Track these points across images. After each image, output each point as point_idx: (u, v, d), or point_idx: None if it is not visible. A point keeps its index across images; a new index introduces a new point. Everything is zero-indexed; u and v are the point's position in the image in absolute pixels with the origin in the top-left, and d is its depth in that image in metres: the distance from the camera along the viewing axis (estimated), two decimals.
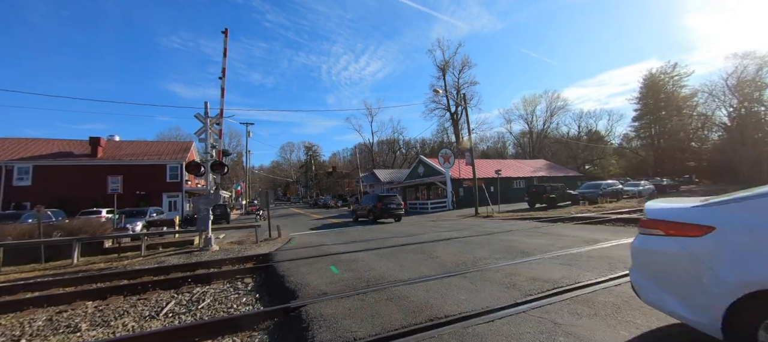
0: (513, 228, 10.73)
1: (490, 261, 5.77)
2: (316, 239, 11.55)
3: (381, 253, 7.13)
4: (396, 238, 9.97)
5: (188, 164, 10.64)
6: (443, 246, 7.67)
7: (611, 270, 4.73)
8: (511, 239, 8.14)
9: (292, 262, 6.72)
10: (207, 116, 11.56)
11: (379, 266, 5.84)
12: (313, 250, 8.28)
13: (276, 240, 12.56)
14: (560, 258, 5.71)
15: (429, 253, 6.88)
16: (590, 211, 17.16)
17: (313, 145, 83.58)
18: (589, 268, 4.88)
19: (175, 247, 12.63)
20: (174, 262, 8.67)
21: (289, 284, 5.00)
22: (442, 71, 52.73)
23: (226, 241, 14.07)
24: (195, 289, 5.72)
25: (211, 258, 9.10)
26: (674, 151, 50.02)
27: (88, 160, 28.77)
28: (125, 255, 11.39)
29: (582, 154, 61.13)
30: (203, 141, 11.50)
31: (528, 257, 5.89)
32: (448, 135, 60.00)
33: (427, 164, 31.38)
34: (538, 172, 35.23)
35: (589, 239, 7.50)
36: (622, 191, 25.52)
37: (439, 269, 5.37)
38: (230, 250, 10.33)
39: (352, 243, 9.40)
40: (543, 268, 5.07)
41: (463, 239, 8.69)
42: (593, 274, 4.54)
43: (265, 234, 14.09)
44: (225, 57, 11.91)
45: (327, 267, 6.02)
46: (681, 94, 50.64)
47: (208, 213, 10.91)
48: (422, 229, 12.52)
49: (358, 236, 11.17)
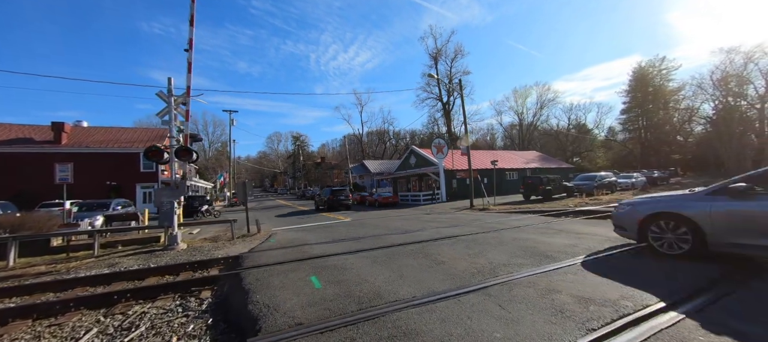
0: (519, 223, 9.70)
1: (512, 268, 4.64)
2: (299, 236, 10.24)
3: (375, 257, 5.90)
4: (391, 235, 8.78)
5: (148, 150, 9.06)
6: (449, 247, 6.51)
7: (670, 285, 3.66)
8: (524, 237, 7.06)
9: (265, 270, 5.42)
10: (171, 94, 9.96)
11: (374, 276, 4.62)
12: (293, 252, 6.99)
13: (254, 236, 11.18)
14: (597, 265, 4.63)
15: (433, 256, 5.70)
16: (589, 204, 16.43)
17: (301, 135, 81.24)
18: (639, 282, 3.80)
19: (138, 245, 11.08)
20: (123, 267, 7.23)
21: (254, 306, 3.72)
22: (434, 59, 51.26)
23: (199, 238, 12.59)
24: (133, 309, 4.37)
25: (173, 260, 7.70)
26: (660, 144, 50.62)
27: (51, 148, 26.28)
28: (75, 255, 9.80)
29: (571, 147, 61.42)
30: (167, 124, 9.92)
31: (556, 263, 4.78)
32: (438, 126, 58.95)
33: (420, 154, 30.24)
34: (531, 163, 34.67)
35: (613, 239, 6.49)
36: (616, 183, 25.12)
37: (451, 281, 4.20)
38: (198, 250, 8.92)
39: (340, 242, 8.14)
40: (584, 280, 3.97)
41: (468, 237, 7.56)
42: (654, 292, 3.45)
43: (244, 229, 12.68)
44: (192, 26, 10.24)
45: (307, 278, 4.76)
46: (668, 88, 51.06)
47: (172, 206, 9.41)
48: (419, 223, 11.38)
49: (347, 233, 9.93)
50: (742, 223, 4.23)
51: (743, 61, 39.60)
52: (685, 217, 4.70)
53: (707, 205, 4.54)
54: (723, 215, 4.38)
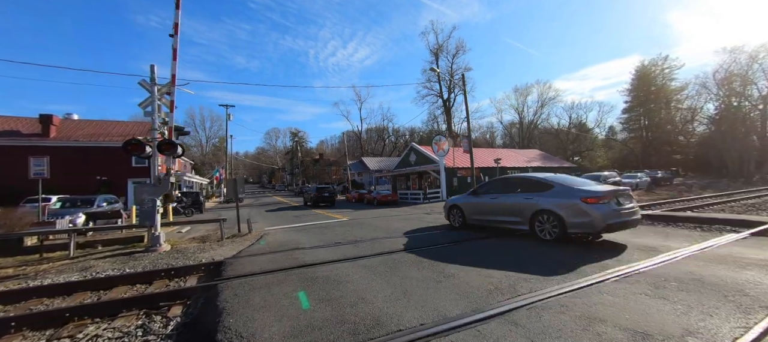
0: None
1: (534, 284, 3.97)
2: (292, 237, 9.54)
3: (373, 267, 5.21)
4: (392, 239, 8.08)
5: (128, 143, 8.31)
6: (457, 255, 5.82)
7: (742, 311, 3.00)
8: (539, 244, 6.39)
9: (248, 282, 4.72)
10: (154, 83, 9.18)
11: (372, 293, 3.93)
12: (282, 258, 6.29)
13: (245, 237, 10.48)
14: (636, 283, 3.96)
15: (440, 267, 5.02)
16: None
17: (300, 132, 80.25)
18: (703, 308, 3.13)
19: (120, 246, 10.35)
20: (95, 272, 6.52)
21: (225, 335, 3.01)
22: (435, 55, 50.44)
23: (187, 237, 11.88)
24: (85, 331, 3.67)
25: (151, 264, 6.99)
26: (662, 144, 50.09)
27: (38, 141, 25.35)
28: (50, 256, 9.07)
29: (571, 146, 60.88)
30: (149, 115, 9.16)
31: (585, 278, 4.11)
32: (438, 123, 58.24)
33: (420, 152, 29.54)
34: (533, 162, 34.07)
35: (640, 246, 5.83)
36: (619, 183, 24.55)
37: (465, 302, 3.52)
38: (181, 252, 8.21)
39: (336, 246, 7.44)
40: (626, 303, 3.29)
41: (472, 243, 6.88)
42: (725, 321, 2.79)
43: (235, 228, 11.98)
44: (178, 9, 9.47)
45: (294, 293, 4.06)
46: (671, 87, 50.45)
47: (154, 204, 8.68)
48: (421, 224, 10.70)
49: (344, 235, 9.23)
50: (476, 209, 8.72)
51: (747, 60, 39.10)
52: (458, 206, 9.31)
53: (466, 199, 9.21)
54: (470, 205, 8.93)
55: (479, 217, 8.48)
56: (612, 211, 6.08)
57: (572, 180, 7.39)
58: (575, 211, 6.22)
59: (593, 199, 6.16)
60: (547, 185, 7.11)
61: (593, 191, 6.42)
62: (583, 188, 6.63)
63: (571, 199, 6.42)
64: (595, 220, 5.98)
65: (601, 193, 6.32)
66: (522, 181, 8.04)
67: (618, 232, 6.54)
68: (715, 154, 41.65)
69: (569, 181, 7.24)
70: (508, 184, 8.22)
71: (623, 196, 6.60)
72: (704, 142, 45.75)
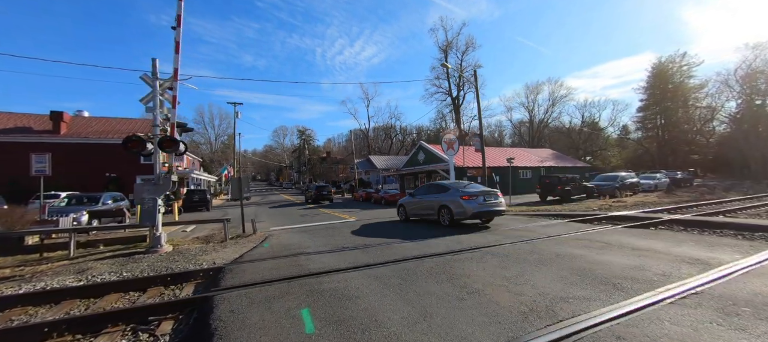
0: (549, 230, 8.41)
1: (575, 305, 3.40)
2: (297, 240, 9.09)
3: (386, 278, 4.70)
4: (402, 243, 7.56)
5: (128, 139, 7.97)
6: (477, 264, 5.27)
7: None
8: (567, 253, 5.79)
9: (247, 293, 4.26)
10: (156, 78, 8.83)
11: (387, 314, 3.42)
12: (286, 265, 5.82)
13: (249, 238, 10.09)
14: (698, 307, 3.36)
15: (461, 279, 4.48)
16: (614, 207, 15.04)
17: (307, 130, 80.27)
18: None
19: (122, 245, 10.08)
20: (91, 275, 6.17)
21: None
22: (444, 53, 49.47)
23: (191, 237, 11.58)
24: None
25: (150, 268, 6.62)
26: (679, 144, 48.30)
27: (50, 138, 25.58)
28: (50, 256, 8.81)
29: (583, 145, 59.30)
30: (151, 111, 8.80)
31: (635, 299, 3.52)
32: (446, 122, 57.32)
33: (428, 150, 28.91)
34: (545, 161, 33.09)
35: (685, 257, 5.19)
36: (638, 184, 23.52)
37: (497, 328, 2.98)
38: (182, 254, 7.83)
39: (343, 251, 6.96)
40: (697, 336, 2.71)
41: (497, 250, 6.31)
42: None
43: (239, 228, 11.62)
44: (180, 1, 9.08)
45: (297, 311, 3.57)
46: (689, 85, 48.52)
47: (155, 204, 8.33)
48: (432, 226, 10.16)
49: (352, 238, 8.75)
50: (414, 206, 11.35)
51: None
52: (402, 204, 12.12)
53: (408, 199, 11.87)
54: (410, 203, 11.57)
55: (414, 212, 11.60)
56: (478, 204, 9.51)
57: (458, 184, 10.87)
58: (457, 204, 9.59)
59: (467, 197, 9.58)
60: (446, 188, 10.51)
61: (467, 191, 9.82)
62: (463, 190, 9.94)
63: (456, 197, 9.69)
64: (467, 210, 9.41)
65: (472, 192, 9.74)
66: (435, 186, 11.38)
67: (487, 218, 10.12)
68: (736, 154, 39.94)
69: (457, 185, 10.71)
70: (429, 189, 11.47)
71: (489, 195, 9.92)
72: (724, 141, 43.96)
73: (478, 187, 10.52)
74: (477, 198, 9.52)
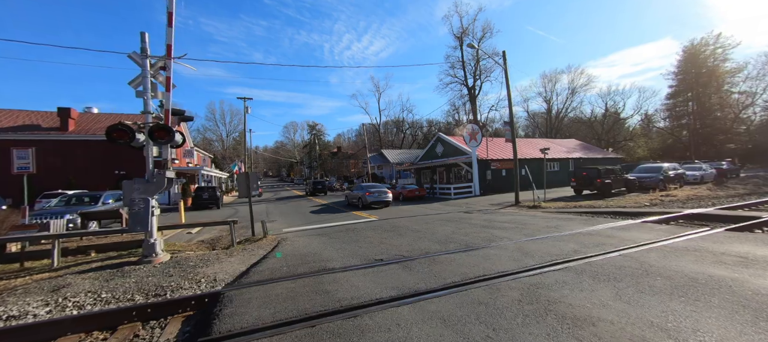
0: (632, 236, 6.68)
1: None
2: (314, 247, 7.63)
3: (460, 324, 3.13)
4: (452, 255, 5.99)
5: (112, 128, 6.63)
6: (586, 295, 3.65)
7: None
8: (709, 276, 4.12)
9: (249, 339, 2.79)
10: (146, 56, 7.44)
11: None
12: (304, 291, 4.35)
13: (259, 242, 8.72)
14: None
15: (580, 326, 2.90)
16: (666, 202, 13.08)
17: (317, 125, 78.89)
18: None
19: (116, 251, 8.87)
20: (60, 300, 4.85)
21: None
22: (459, 41, 47.08)
23: (195, 240, 10.33)
24: None
25: (136, 287, 5.28)
26: (714, 132, 44.82)
27: (58, 135, 24.96)
28: (31, 265, 7.64)
29: (606, 135, 56.09)
30: (141, 95, 7.44)
31: None
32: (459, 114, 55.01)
33: (448, 142, 27.09)
34: (573, 153, 30.80)
35: None
36: (684, 176, 21.23)
37: None
38: (179, 266, 6.49)
39: (376, 266, 5.45)
40: None
41: (594, 268, 4.68)
42: None
43: (248, 230, 10.30)
44: None
45: None
46: (724, 69, 44.72)
47: (147, 205, 6.99)
48: (474, 229, 8.56)
49: (381, 246, 7.23)
50: (351, 197, 19.55)
51: None
52: (346, 195, 22.86)
53: (348, 192, 22.48)
54: (351, 194, 19.58)
55: (352, 200, 18.70)
56: (374, 196, 16.55)
57: (368, 184, 18.61)
58: (362, 197, 16.77)
59: (368, 192, 16.65)
60: (361, 186, 18.83)
61: (369, 188, 17.45)
62: (366, 187, 17.79)
63: (363, 191, 16.95)
64: (365, 200, 16.43)
65: (371, 189, 17.14)
66: (361, 184, 19.19)
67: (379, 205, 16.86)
68: None
69: (367, 184, 19.24)
70: (360, 186, 18.50)
71: (382, 190, 17.11)
72: (765, 129, 40.47)
73: (375, 187, 17.80)
74: (373, 193, 16.68)
